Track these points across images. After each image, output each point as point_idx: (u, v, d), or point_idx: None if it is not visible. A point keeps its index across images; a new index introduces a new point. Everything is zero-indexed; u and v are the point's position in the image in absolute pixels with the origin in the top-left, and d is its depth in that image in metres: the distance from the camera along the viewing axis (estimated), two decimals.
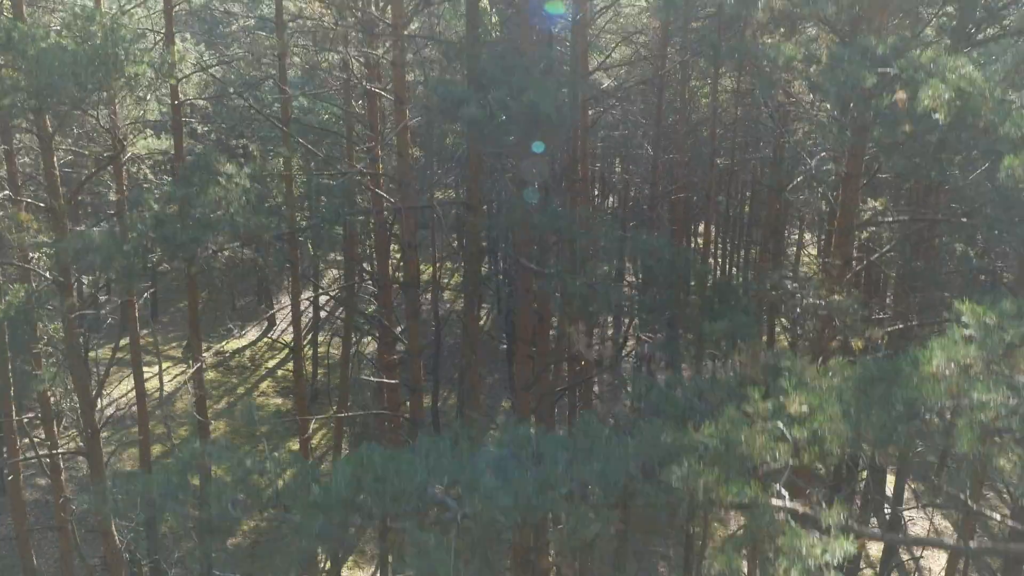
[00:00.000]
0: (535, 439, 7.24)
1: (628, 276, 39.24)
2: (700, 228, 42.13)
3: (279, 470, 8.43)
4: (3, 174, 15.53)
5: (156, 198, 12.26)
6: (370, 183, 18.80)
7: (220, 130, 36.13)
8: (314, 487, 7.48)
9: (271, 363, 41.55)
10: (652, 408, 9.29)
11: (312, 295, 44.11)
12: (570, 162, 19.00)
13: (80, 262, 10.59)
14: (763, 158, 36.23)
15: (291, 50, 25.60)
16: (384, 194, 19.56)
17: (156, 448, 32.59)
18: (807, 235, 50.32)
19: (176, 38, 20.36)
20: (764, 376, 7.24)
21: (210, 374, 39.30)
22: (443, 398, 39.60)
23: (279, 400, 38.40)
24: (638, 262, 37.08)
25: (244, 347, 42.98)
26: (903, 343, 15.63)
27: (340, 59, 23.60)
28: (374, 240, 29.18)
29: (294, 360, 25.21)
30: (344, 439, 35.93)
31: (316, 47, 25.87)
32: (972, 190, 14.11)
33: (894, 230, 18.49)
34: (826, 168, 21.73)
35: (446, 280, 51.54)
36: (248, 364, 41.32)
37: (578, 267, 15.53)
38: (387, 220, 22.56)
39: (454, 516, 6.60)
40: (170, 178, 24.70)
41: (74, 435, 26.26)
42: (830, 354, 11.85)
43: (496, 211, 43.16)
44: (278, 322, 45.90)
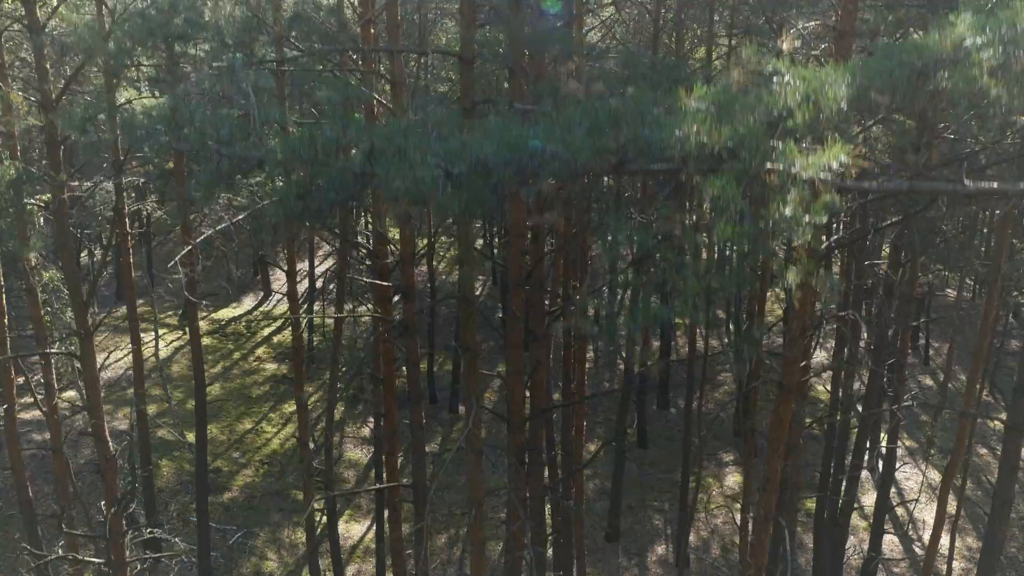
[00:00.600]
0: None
1: None
2: None
3: None
4: None
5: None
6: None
7: None
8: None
9: (267, 331, 41.55)
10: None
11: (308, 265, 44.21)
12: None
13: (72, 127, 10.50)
14: None
15: None
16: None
17: (152, 407, 32.61)
18: None
19: None
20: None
21: (206, 340, 39.30)
22: (439, 363, 39.69)
23: (274, 365, 38.42)
24: None
25: (240, 315, 42.98)
26: None
27: None
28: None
29: (291, 312, 25.03)
30: (340, 402, 36.00)
31: None
32: None
33: None
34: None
35: (442, 252, 51.58)
36: (244, 331, 41.33)
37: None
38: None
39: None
40: None
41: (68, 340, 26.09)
42: None
43: None
44: (274, 292, 45.89)
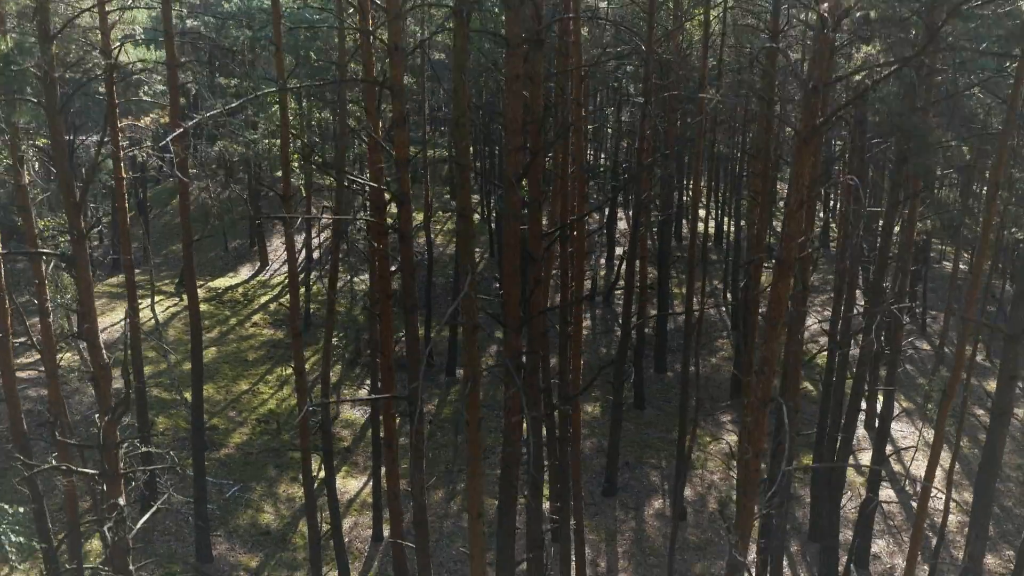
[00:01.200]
0: None
1: None
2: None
3: None
4: None
5: None
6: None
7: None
8: None
9: (263, 299, 41.45)
10: None
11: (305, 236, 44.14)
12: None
13: None
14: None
15: None
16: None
17: (149, 368, 32.50)
18: None
19: None
20: None
21: (203, 306, 39.20)
22: (436, 331, 39.64)
23: (271, 331, 38.33)
24: None
25: (236, 284, 42.87)
26: None
27: None
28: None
29: (289, 280, 24.69)
30: (337, 365, 35.95)
31: None
32: None
33: None
34: None
35: (439, 226, 51.52)
36: (240, 299, 41.23)
37: None
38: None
39: None
40: None
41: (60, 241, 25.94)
42: None
43: None
44: (271, 262, 45.79)
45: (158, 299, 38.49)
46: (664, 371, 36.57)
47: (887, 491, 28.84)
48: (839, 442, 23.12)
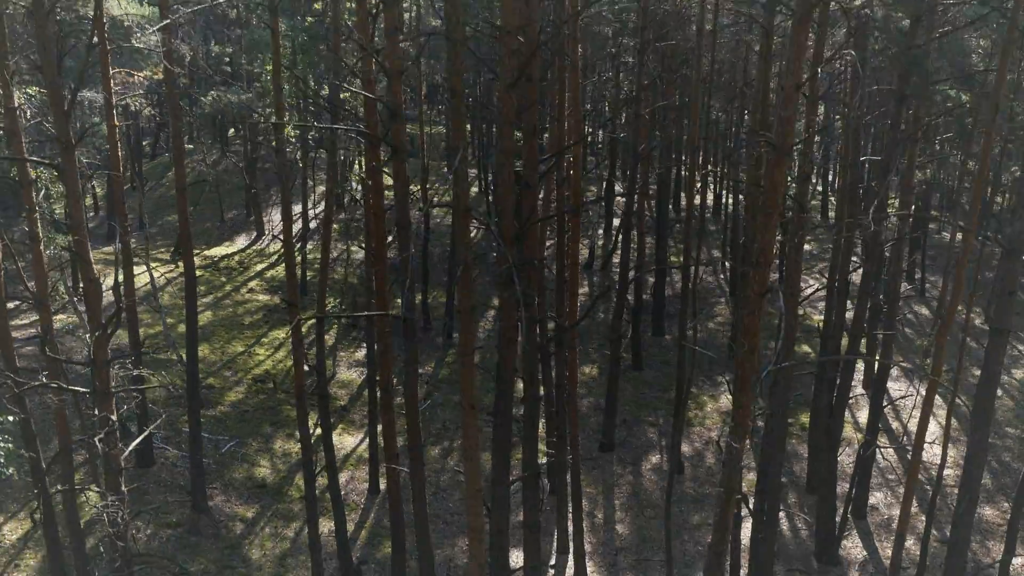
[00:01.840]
0: None
1: None
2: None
3: None
4: None
5: None
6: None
7: None
8: None
9: (259, 266, 41.31)
10: None
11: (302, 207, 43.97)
12: None
13: None
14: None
15: None
16: None
17: (143, 329, 32.36)
18: None
19: None
20: None
21: (198, 272, 39.03)
22: (433, 296, 39.55)
23: (267, 297, 38.19)
24: None
25: (232, 253, 42.73)
26: None
27: None
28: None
29: (285, 248, 24.32)
30: (333, 329, 35.83)
31: None
32: None
33: None
34: None
35: (436, 198, 51.33)
36: (236, 266, 41.08)
37: None
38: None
39: None
40: None
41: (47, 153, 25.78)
42: None
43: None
44: (267, 232, 45.64)
45: (153, 265, 38.35)
46: (662, 334, 36.49)
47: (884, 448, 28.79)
48: (837, 387, 23.04)
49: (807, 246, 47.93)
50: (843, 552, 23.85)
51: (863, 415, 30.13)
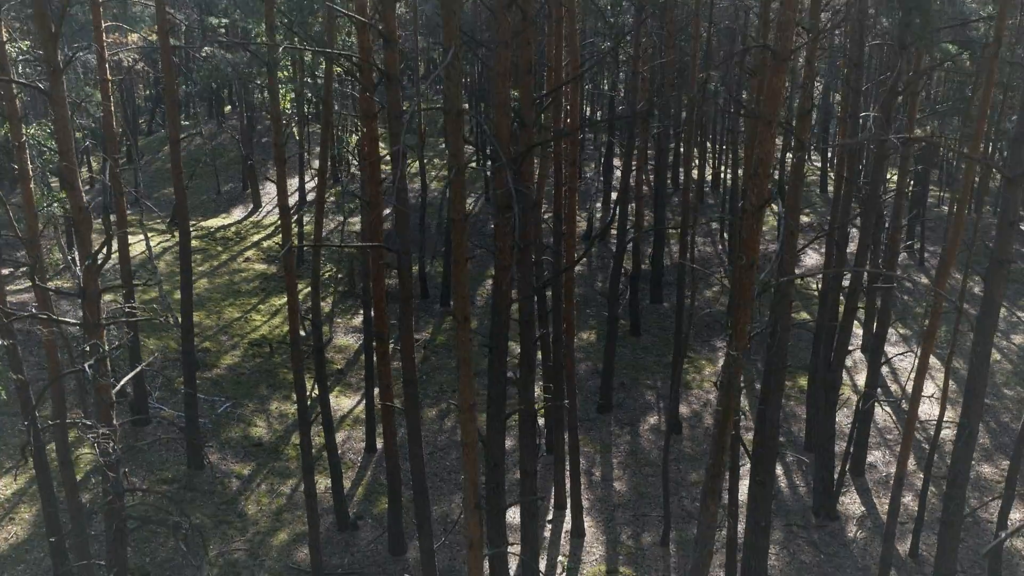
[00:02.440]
0: None
1: None
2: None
3: None
4: None
5: None
6: None
7: None
8: None
9: (256, 237, 41.13)
10: None
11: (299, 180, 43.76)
12: None
13: None
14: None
15: None
16: None
17: (142, 295, 32.23)
18: None
19: None
20: None
21: (195, 242, 38.89)
22: (430, 264, 39.41)
23: (263, 266, 38.03)
24: None
25: (229, 224, 42.54)
26: None
27: None
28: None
29: (281, 214, 23.90)
30: (331, 295, 35.68)
31: None
32: None
33: None
34: None
35: (433, 172, 51.10)
36: (233, 237, 40.90)
37: None
38: None
39: None
40: None
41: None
42: None
43: None
44: (264, 204, 45.44)
45: (150, 235, 38.16)
46: (660, 302, 36.37)
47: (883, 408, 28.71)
48: (836, 341, 22.92)
49: (804, 217, 47.77)
50: (841, 507, 23.79)
51: (861, 378, 30.04)
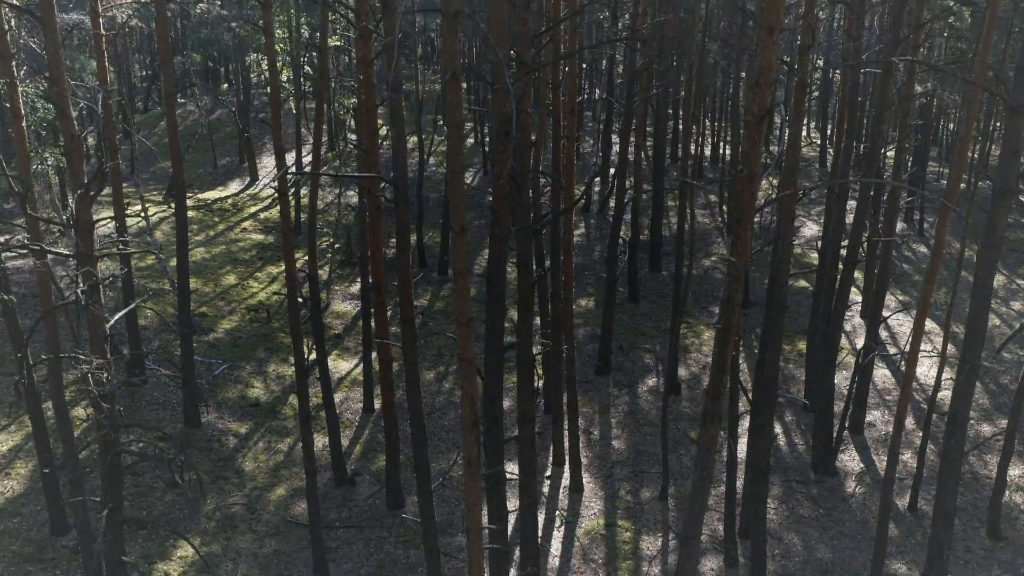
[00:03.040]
0: None
1: None
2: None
3: None
4: None
5: None
6: None
7: None
8: None
9: (253, 208, 40.95)
10: None
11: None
12: None
13: None
14: None
15: None
16: None
17: (138, 262, 32.08)
18: None
19: None
20: None
21: (191, 213, 38.73)
22: (429, 236, 39.27)
23: (261, 236, 37.87)
24: None
25: (226, 196, 42.35)
26: None
27: None
28: None
29: (278, 184, 23.69)
30: (329, 263, 35.53)
31: None
32: None
33: None
34: None
35: (431, 147, 50.87)
36: (230, 208, 40.72)
37: None
38: None
39: None
40: None
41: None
42: None
43: None
44: (260, 178, 45.22)
45: (146, 205, 37.96)
46: (658, 270, 36.27)
47: (882, 371, 28.65)
48: (836, 295, 22.83)
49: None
50: (840, 464, 23.75)
51: (861, 342, 29.96)
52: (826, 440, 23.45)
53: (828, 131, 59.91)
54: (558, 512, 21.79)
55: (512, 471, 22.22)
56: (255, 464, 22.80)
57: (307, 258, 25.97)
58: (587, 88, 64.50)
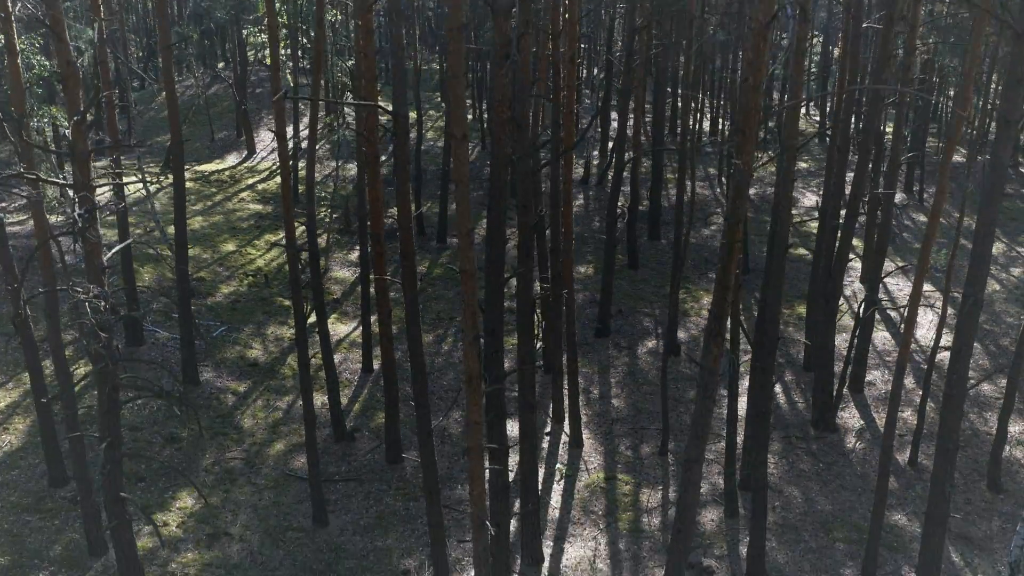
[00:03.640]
0: None
1: None
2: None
3: None
4: None
5: None
6: None
7: None
8: None
9: (250, 180, 40.78)
10: None
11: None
12: None
13: None
14: None
15: None
16: None
17: (135, 228, 31.93)
18: None
19: None
20: None
21: (189, 184, 38.54)
22: (427, 206, 39.12)
23: (259, 206, 37.71)
24: None
25: (223, 169, 42.16)
26: None
27: None
28: None
29: (279, 152, 23.57)
30: (328, 231, 35.39)
31: None
32: None
33: None
34: None
35: (430, 123, 50.67)
36: (227, 180, 40.55)
37: None
38: None
39: None
40: None
41: None
42: None
43: None
44: (258, 151, 45.02)
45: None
46: (657, 239, 36.19)
47: (883, 333, 28.62)
48: (836, 252, 22.75)
49: (802, 163, 47.55)
50: (840, 421, 23.72)
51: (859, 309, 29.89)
52: (826, 397, 23.40)
53: (827, 107, 59.85)
54: (558, 467, 21.75)
55: (512, 433, 22.15)
56: (254, 421, 22.73)
57: (306, 219, 26.04)
58: (585, 67, 64.33)
